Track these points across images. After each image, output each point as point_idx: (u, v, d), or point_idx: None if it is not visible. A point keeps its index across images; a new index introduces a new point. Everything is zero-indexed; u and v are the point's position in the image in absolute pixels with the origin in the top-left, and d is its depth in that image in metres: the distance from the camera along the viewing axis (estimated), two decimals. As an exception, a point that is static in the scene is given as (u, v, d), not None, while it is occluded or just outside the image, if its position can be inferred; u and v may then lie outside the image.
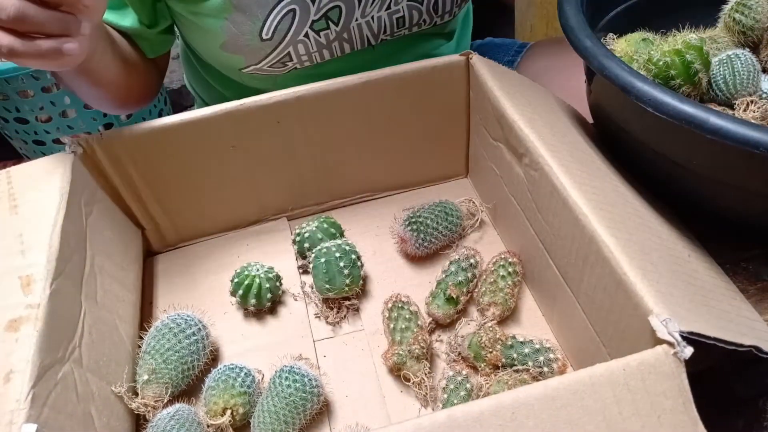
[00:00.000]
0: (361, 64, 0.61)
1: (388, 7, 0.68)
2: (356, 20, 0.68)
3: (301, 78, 0.65)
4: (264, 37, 0.65)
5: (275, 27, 0.65)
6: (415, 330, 0.53)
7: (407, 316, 0.54)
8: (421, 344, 0.51)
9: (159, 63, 0.74)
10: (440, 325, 0.56)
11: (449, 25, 0.77)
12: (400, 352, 0.51)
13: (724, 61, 0.51)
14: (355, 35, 0.69)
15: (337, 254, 0.57)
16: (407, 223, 0.60)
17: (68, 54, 0.46)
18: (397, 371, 0.52)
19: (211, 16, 0.64)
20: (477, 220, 0.65)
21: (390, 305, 0.55)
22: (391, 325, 0.54)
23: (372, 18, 0.68)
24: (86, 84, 0.62)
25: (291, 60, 0.69)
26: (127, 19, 0.64)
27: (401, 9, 0.69)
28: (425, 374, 0.50)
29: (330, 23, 0.67)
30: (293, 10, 0.64)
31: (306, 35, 0.67)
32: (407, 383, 0.51)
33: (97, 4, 0.46)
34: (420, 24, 0.72)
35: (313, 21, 0.66)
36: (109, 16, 0.63)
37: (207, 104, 0.84)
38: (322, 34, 0.67)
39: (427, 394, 0.50)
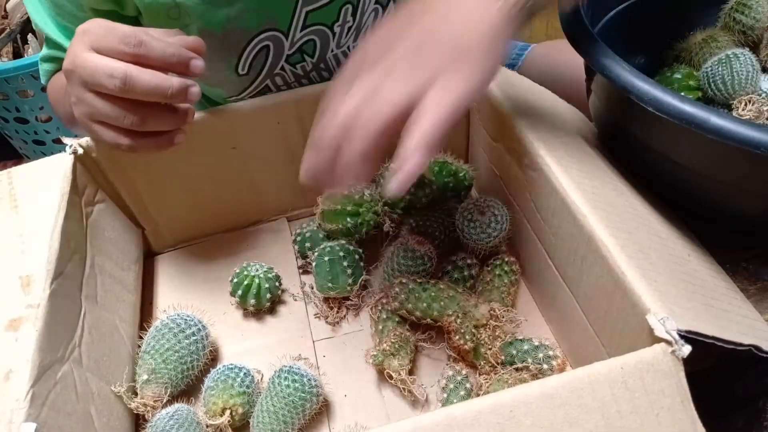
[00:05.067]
0: None
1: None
2: (332, 51, 0.68)
3: None
4: (240, 72, 0.66)
5: (250, 63, 0.65)
6: (390, 327, 0.53)
7: (385, 317, 0.54)
8: (393, 339, 0.51)
9: None
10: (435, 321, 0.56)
11: None
12: (374, 353, 0.51)
13: (723, 60, 0.51)
14: (333, 65, 0.69)
15: (341, 253, 0.57)
16: (411, 226, 0.60)
17: (177, 143, 0.50)
18: (382, 371, 0.52)
19: None
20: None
21: (372, 307, 0.55)
22: (374, 327, 0.54)
23: (348, 48, 0.68)
24: None
25: (270, 91, 0.69)
26: None
27: None
28: (405, 369, 0.50)
29: (305, 56, 0.67)
30: (267, 47, 0.64)
31: (282, 68, 0.67)
32: (391, 381, 0.50)
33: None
34: None
35: (288, 55, 0.66)
36: None
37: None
38: (298, 66, 0.68)
39: (410, 389, 0.49)
